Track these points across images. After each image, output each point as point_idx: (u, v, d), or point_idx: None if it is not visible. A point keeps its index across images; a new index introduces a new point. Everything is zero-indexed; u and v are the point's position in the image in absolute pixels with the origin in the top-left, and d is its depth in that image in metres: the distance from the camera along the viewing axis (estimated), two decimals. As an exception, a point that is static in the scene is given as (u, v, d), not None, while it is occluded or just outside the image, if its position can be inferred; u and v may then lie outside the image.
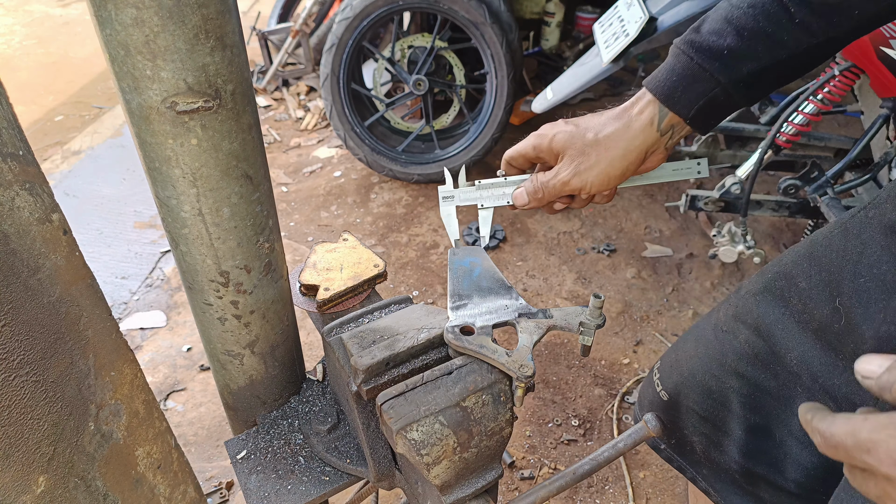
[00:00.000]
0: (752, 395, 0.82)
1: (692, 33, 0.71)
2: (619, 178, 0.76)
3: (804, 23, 0.66)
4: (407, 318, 0.79)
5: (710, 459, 0.92)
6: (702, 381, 0.87)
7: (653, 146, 0.74)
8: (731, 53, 0.68)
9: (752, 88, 0.70)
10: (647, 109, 0.73)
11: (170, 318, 2.33)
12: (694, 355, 0.90)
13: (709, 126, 0.73)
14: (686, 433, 0.93)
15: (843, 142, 2.27)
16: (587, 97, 3.85)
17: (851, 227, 0.70)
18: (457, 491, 0.71)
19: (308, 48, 3.71)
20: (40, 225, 0.57)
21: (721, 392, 0.85)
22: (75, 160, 3.31)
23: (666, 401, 0.94)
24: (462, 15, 2.61)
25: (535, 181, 0.81)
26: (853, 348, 0.67)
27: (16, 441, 0.57)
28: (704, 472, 0.95)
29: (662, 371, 0.97)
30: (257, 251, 0.80)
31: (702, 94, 0.70)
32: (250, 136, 0.71)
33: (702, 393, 0.88)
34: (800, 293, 0.74)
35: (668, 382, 0.94)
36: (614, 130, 0.74)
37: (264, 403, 0.98)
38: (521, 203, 0.83)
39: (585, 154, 0.75)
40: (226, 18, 0.62)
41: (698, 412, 0.89)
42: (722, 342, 0.85)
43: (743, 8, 0.68)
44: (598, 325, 0.76)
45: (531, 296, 2.41)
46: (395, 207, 2.91)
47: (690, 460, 0.96)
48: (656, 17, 1.93)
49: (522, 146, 0.82)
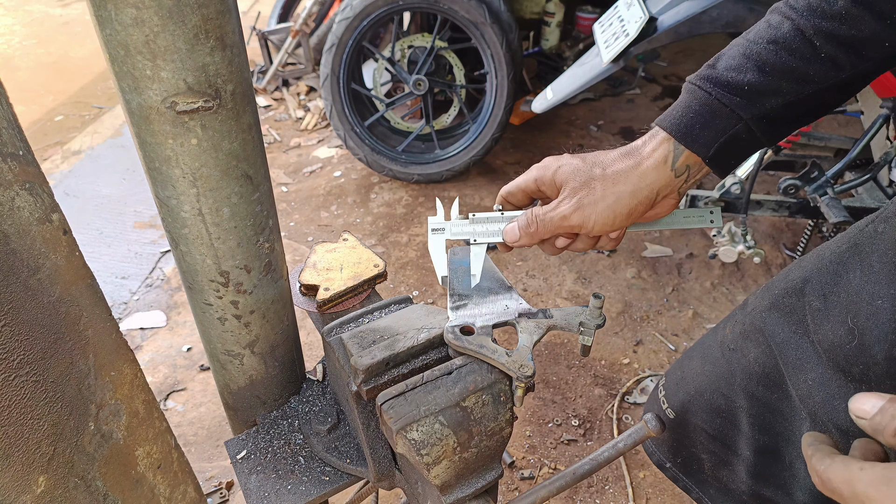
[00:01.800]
0: (762, 416, 0.80)
1: (707, 69, 0.67)
2: (626, 219, 0.69)
3: (831, 57, 0.61)
4: (407, 318, 0.79)
5: (718, 479, 0.90)
6: (710, 400, 0.85)
7: (665, 188, 0.68)
8: (753, 89, 0.63)
9: (776, 125, 0.65)
10: (660, 147, 0.67)
11: (170, 318, 2.33)
12: (701, 373, 0.88)
13: (728, 167, 0.68)
14: (694, 451, 0.92)
15: (843, 142, 2.27)
16: (587, 97, 3.85)
17: (862, 244, 0.67)
18: (457, 491, 0.71)
19: (308, 48, 3.71)
20: (40, 225, 0.57)
21: (730, 411, 0.83)
22: (75, 160, 3.31)
23: (672, 419, 0.92)
24: (462, 15, 2.61)
25: (530, 214, 0.72)
26: (862, 370, 0.64)
27: (16, 441, 0.57)
28: (711, 493, 0.93)
29: (668, 388, 0.95)
30: (257, 251, 0.80)
31: (722, 132, 0.65)
32: (250, 136, 0.71)
33: (710, 411, 0.86)
34: (814, 313, 0.70)
35: (675, 400, 0.92)
36: (624, 167, 0.68)
37: (264, 403, 0.98)
38: (511, 239, 0.74)
39: (591, 187, 0.68)
40: (226, 18, 0.62)
41: (707, 431, 0.87)
42: (730, 360, 0.82)
43: (762, 44, 0.64)
44: (598, 325, 0.76)
45: (531, 296, 2.41)
46: (395, 207, 2.91)
47: (697, 480, 0.95)
48: (656, 17, 1.93)
49: (523, 179, 0.75)
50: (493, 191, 3.02)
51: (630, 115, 3.69)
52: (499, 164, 3.24)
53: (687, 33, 1.90)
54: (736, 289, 2.44)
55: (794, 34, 0.62)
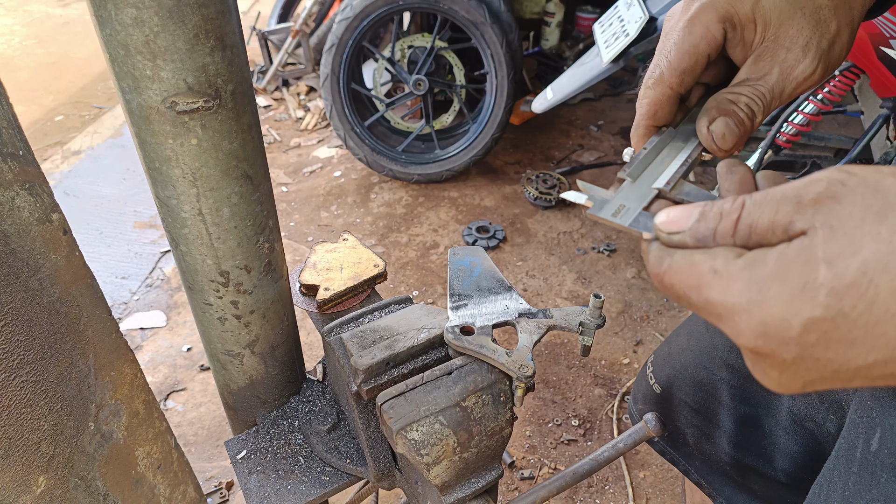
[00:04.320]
0: (742, 386, 0.82)
1: None
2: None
3: None
4: (407, 318, 0.79)
5: (701, 451, 0.93)
6: (693, 374, 0.88)
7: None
8: None
9: None
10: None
11: (170, 318, 2.33)
12: (686, 348, 0.91)
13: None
14: (679, 425, 0.94)
15: (843, 142, 2.27)
16: (587, 97, 3.85)
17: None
18: (457, 491, 0.71)
19: (308, 48, 3.71)
20: (40, 225, 0.57)
21: (712, 384, 0.86)
22: (75, 160, 3.31)
23: (659, 394, 0.95)
24: (462, 15, 2.61)
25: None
26: None
27: (16, 441, 0.57)
28: (697, 465, 0.96)
29: (655, 364, 0.98)
30: (257, 251, 0.80)
31: None
32: (250, 136, 0.71)
33: (693, 385, 0.89)
34: None
35: (661, 375, 0.95)
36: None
37: (264, 403, 0.98)
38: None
39: (826, 25, 0.50)
40: (226, 18, 0.62)
41: (690, 404, 0.90)
42: (713, 334, 0.85)
43: None
44: (598, 325, 0.76)
45: (531, 296, 2.41)
46: (395, 207, 2.91)
47: (683, 453, 0.98)
48: (656, 17, 1.93)
49: (676, 55, 0.51)
50: (493, 191, 3.02)
51: (630, 115, 3.69)
52: (499, 164, 3.24)
53: (687, 33, 1.89)
54: (736, 289, 2.44)
55: None
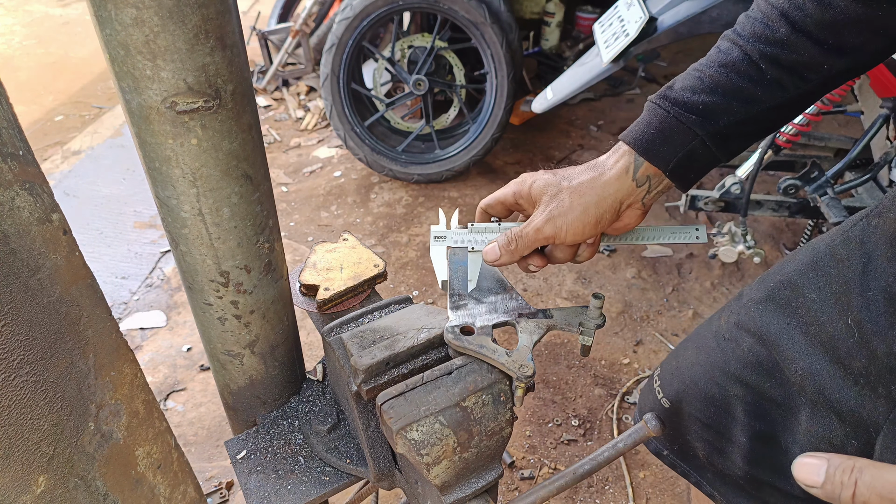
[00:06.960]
0: (757, 403, 0.81)
1: (666, 90, 0.72)
2: (594, 228, 0.74)
3: (776, 79, 0.67)
4: (407, 318, 0.79)
5: (713, 465, 0.91)
6: (704, 389, 0.87)
7: (628, 197, 0.73)
8: (707, 108, 0.68)
9: (730, 141, 0.70)
10: (622, 159, 0.72)
11: (170, 318, 2.33)
12: (695, 363, 0.89)
13: (689, 181, 0.73)
14: (689, 439, 0.93)
15: (843, 142, 2.27)
16: (587, 97, 3.85)
17: (854, 237, 0.69)
18: (457, 491, 0.71)
19: (308, 48, 3.71)
20: (40, 225, 0.57)
21: (724, 399, 0.84)
22: (75, 160, 3.31)
23: (667, 408, 0.94)
24: (462, 15, 2.61)
25: (509, 233, 0.77)
26: (865, 364, 0.66)
27: (16, 441, 0.57)
28: (709, 477, 0.95)
29: (663, 378, 0.96)
30: (257, 251, 0.80)
31: (680, 147, 0.69)
32: (250, 136, 0.71)
33: (704, 400, 0.87)
34: (809, 305, 0.73)
35: (670, 390, 0.93)
36: (589, 178, 0.73)
37: (264, 403, 0.98)
38: (491, 258, 0.78)
39: (560, 199, 0.73)
40: (226, 18, 0.62)
41: (701, 419, 0.89)
42: (724, 350, 0.84)
43: (714, 67, 0.69)
44: (598, 325, 0.76)
45: (531, 296, 2.41)
46: (395, 207, 2.91)
47: (694, 465, 0.96)
48: (656, 17, 1.93)
49: (501, 192, 0.80)
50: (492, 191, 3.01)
51: (630, 115, 3.69)
52: (499, 164, 3.24)
53: (687, 33, 1.90)
54: (736, 289, 2.44)
55: (742, 58, 0.67)
